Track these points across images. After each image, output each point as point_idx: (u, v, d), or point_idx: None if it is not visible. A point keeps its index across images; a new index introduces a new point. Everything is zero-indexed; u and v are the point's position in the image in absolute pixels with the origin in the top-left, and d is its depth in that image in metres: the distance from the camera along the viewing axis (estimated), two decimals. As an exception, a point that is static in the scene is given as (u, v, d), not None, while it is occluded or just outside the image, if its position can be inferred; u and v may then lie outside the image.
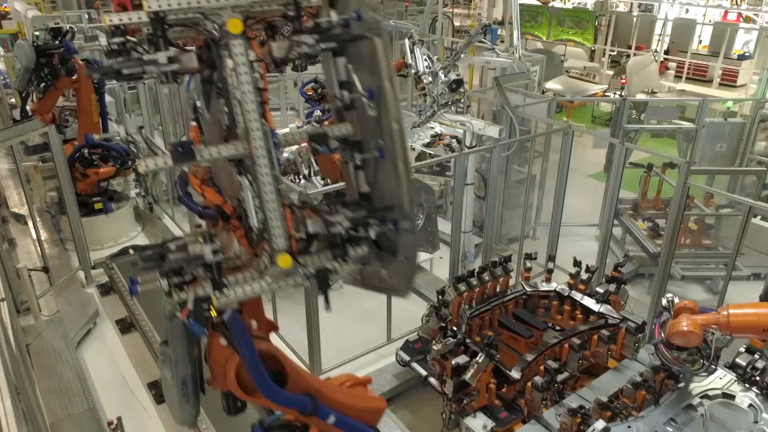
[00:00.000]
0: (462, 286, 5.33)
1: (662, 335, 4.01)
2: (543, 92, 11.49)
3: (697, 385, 4.24)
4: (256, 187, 2.11)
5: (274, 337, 2.76)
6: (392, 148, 2.19)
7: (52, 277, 6.91)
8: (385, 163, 2.26)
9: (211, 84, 2.13)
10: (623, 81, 13.71)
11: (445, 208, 8.94)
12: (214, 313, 2.16)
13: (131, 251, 7.64)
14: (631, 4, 21.16)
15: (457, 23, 24.44)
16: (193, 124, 2.44)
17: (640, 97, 14.05)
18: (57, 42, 7.28)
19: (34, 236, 7.51)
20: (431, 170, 8.81)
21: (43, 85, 7.20)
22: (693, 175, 5.46)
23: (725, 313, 3.72)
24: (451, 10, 23.95)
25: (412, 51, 7.10)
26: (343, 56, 2.22)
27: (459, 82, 6.85)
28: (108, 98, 11.51)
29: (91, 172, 7.90)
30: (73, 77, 7.45)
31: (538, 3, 22.59)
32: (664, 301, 4.16)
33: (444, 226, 7.61)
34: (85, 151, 7.78)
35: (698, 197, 7.75)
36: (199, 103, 2.31)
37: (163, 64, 1.95)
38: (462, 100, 7.08)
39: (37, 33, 8.27)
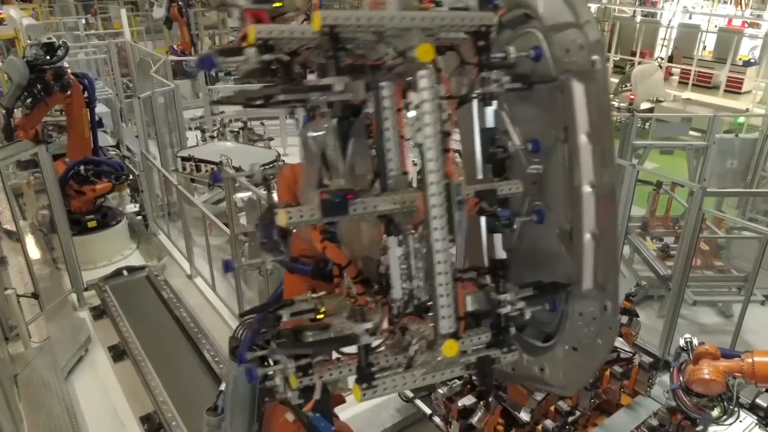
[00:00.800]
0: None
1: (681, 380, 3.80)
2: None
3: (717, 429, 4.03)
4: (406, 249, 1.76)
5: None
6: (579, 216, 1.83)
7: (43, 301, 6.69)
8: (546, 229, 1.92)
9: (355, 119, 1.81)
10: (632, 97, 13.44)
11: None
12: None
13: (125, 272, 7.49)
14: (634, 11, 20.95)
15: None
16: (300, 161, 2.09)
17: (645, 105, 13.85)
18: (50, 57, 7.08)
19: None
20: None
21: (30, 100, 6.99)
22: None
23: (750, 360, 3.52)
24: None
25: None
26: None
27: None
28: (104, 108, 11.38)
29: (88, 189, 7.70)
30: (67, 93, 7.26)
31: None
32: (681, 342, 3.95)
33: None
34: (81, 167, 7.58)
35: (710, 217, 7.52)
36: (329, 141, 1.95)
37: (338, 92, 1.63)
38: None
39: (30, 42, 8.05)
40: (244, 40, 1.62)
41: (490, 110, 1.91)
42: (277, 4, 1.77)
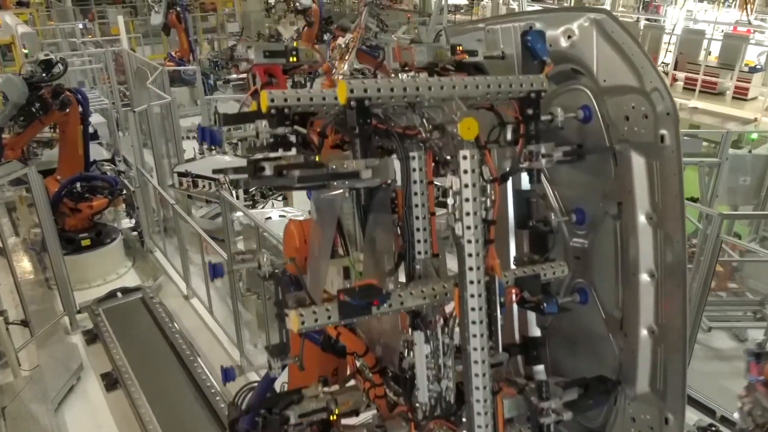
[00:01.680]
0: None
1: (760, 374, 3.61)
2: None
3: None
4: (434, 345, 1.52)
5: None
6: (633, 307, 1.57)
7: (33, 326, 6.46)
8: (590, 310, 1.65)
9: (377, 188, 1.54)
10: None
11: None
12: None
13: (119, 294, 7.26)
14: (638, 18, 20.72)
15: (459, 31, 24.00)
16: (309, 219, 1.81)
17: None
18: (47, 75, 6.85)
19: (19, 274, 7.07)
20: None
21: (23, 119, 6.75)
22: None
23: None
24: (453, 17, 23.58)
25: None
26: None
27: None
28: (100, 119, 11.15)
29: (84, 206, 7.48)
30: (66, 111, 7.03)
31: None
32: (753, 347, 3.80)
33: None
34: (78, 184, 7.36)
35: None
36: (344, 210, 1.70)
37: (366, 179, 1.36)
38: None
39: (27, 60, 7.80)
40: (255, 95, 1.38)
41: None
42: (293, 59, 1.51)
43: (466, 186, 1.36)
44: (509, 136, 1.48)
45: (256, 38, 16.90)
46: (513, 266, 1.76)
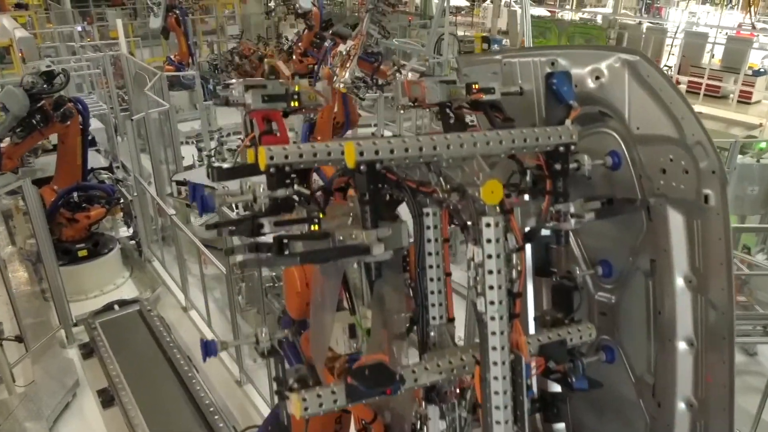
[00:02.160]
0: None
1: None
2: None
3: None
4: (450, 421, 1.38)
5: None
6: (669, 376, 1.41)
7: (28, 340, 6.33)
8: (617, 370, 1.50)
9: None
10: None
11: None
12: None
13: (116, 306, 7.13)
14: (640, 22, 20.61)
15: (460, 33, 23.89)
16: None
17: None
18: (49, 86, 6.71)
19: (14, 285, 6.94)
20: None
21: (21, 130, 6.62)
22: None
23: None
24: (455, 18, 23.42)
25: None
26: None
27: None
28: (98, 124, 11.01)
29: (81, 216, 7.35)
30: (67, 123, 6.91)
31: (546, 13, 22.06)
32: None
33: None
34: (74, 194, 7.23)
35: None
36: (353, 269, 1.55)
37: (377, 255, 1.21)
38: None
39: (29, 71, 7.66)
40: (252, 144, 1.24)
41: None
42: (294, 103, 1.37)
43: (490, 257, 1.21)
44: (527, 182, 1.35)
45: (256, 41, 16.74)
46: (531, 317, 1.62)
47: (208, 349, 2.12)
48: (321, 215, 1.18)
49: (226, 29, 19.65)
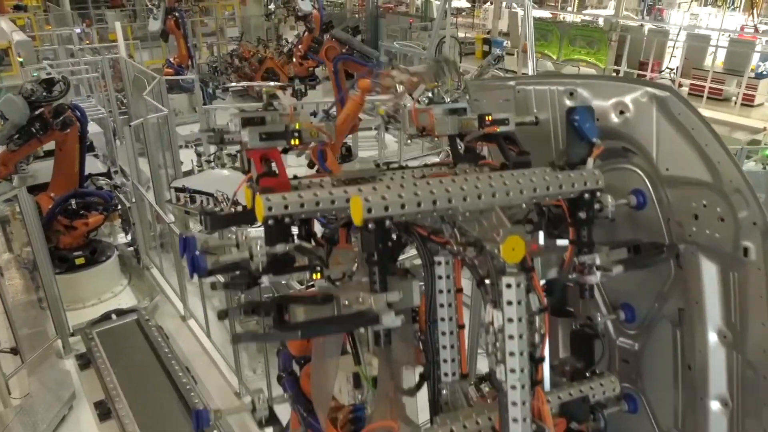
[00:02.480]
0: None
1: None
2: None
3: None
4: None
5: None
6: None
7: (24, 351, 6.22)
8: (639, 420, 1.40)
9: None
10: None
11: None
12: None
13: (113, 316, 7.03)
14: (641, 24, 20.52)
15: (461, 34, 23.80)
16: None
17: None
18: (49, 94, 6.63)
19: (11, 294, 6.84)
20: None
21: (18, 137, 6.52)
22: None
23: None
24: (455, 19, 23.35)
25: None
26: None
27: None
28: (96, 128, 10.92)
29: (79, 223, 7.25)
30: (67, 131, 6.82)
31: (547, 14, 21.96)
32: None
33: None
34: (72, 201, 7.13)
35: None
36: None
37: (389, 323, 1.10)
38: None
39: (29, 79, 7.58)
40: (251, 184, 1.13)
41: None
42: (295, 142, 1.26)
43: (511, 321, 1.10)
44: (544, 223, 1.25)
45: (256, 43, 16.67)
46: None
47: (200, 420, 2.00)
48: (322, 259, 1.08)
49: (226, 31, 19.55)
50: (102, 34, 19.31)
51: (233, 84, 13.86)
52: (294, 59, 14.61)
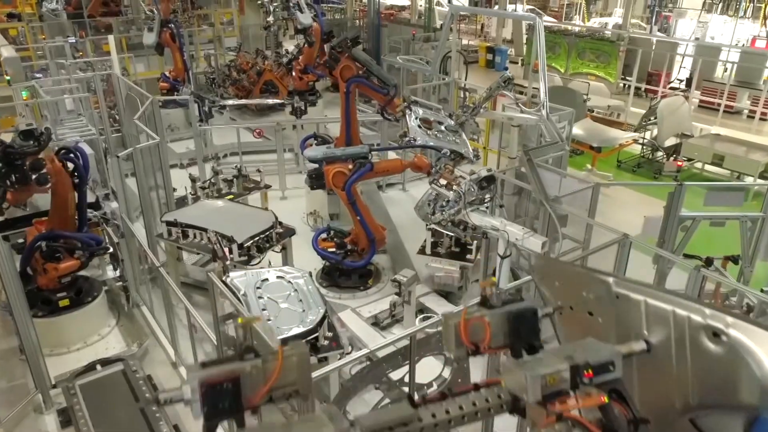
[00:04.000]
0: None
1: None
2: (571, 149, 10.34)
3: None
4: None
5: None
6: None
7: (1, 407, 5.77)
8: None
9: None
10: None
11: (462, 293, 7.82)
12: None
13: (98, 366, 6.55)
14: (649, 38, 20.07)
15: (464, 42, 23.34)
16: None
17: (670, 142, 12.90)
18: (30, 145, 6.13)
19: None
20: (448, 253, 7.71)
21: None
22: None
23: None
24: (458, 26, 22.85)
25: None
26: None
27: (490, 179, 5.71)
28: (87, 149, 10.43)
29: (50, 267, 6.76)
30: (46, 186, 6.35)
31: (552, 20, 21.50)
32: None
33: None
34: (43, 244, 6.64)
35: None
36: None
37: None
38: (493, 198, 5.93)
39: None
40: None
41: None
42: None
43: None
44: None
45: (255, 55, 16.18)
46: None
47: None
48: None
49: (224, 40, 19.08)
50: (97, 43, 18.82)
51: (230, 101, 13.36)
52: (294, 73, 14.13)
